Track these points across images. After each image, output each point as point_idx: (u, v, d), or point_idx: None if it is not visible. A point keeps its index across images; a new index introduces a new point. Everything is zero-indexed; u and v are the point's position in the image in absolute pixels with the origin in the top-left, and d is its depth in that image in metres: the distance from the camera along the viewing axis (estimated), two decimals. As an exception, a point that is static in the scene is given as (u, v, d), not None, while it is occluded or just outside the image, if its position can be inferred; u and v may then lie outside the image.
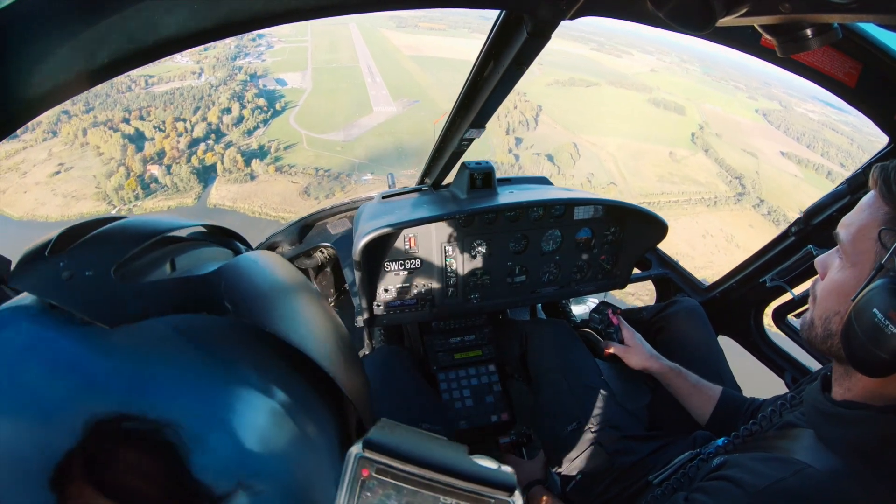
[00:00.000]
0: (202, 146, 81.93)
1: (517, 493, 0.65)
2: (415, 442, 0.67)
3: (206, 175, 75.40)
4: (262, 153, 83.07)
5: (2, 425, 0.57)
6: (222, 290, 0.71)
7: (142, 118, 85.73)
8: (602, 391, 2.20)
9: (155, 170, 73.43)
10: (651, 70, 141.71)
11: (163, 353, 0.68)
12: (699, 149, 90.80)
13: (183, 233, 0.83)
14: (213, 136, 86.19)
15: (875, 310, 1.00)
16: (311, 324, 0.79)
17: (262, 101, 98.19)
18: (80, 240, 0.71)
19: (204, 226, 0.89)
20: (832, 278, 1.22)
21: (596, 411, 2.11)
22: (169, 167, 74.33)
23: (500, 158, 79.70)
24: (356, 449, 0.64)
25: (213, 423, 0.65)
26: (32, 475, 0.56)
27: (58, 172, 70.00)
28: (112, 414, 0.60)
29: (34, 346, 0.62)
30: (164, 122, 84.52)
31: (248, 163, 78.73)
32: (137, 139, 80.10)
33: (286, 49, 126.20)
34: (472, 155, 2.64)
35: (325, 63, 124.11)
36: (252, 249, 0.95)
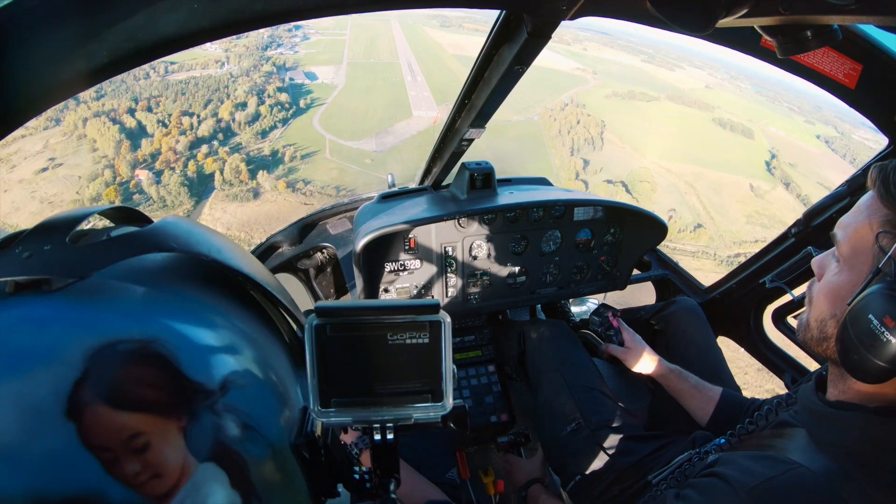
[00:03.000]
0: (204, 148, 72.00)
1: (443, 312, 0.84)
2: (354, 302, 0.84)
3: (200, 187, 65.70)
4: (273, 161, 72.34)
5: (10, 383, 0.63)
6: (165, 236, 0.82)
7: (149, 109, 77.13)
8: (601, 391, 2.21)
9: (143, 176, 64.68)
10: (706, 86, 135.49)
11: (133, 290, 0.78)
12: (778, 181, 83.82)
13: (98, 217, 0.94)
14: (220, 135, 76.02)
15: (871, 316, 0.99)
16: (237, 255, 0.94)
17: (283, 97, 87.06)
18: (22, 235, 0.78)
19: (109, 209, 0.98)
20: (828, 281, 1.20)
21: (595, 412, 2.11)
22: (160, 174, 65.57)
23: (567, 186, 65.61)
24: (311, 319, 0.80)
25: (190, 333, 0.76)
26: (49, 412, 0.62)
27: (45, 169, 64.41)
28: (105, 342, 0.68)
29: (13, 321, 0.68)
30: (169, 116, 75.73)
31: (253, 174, 68.11)
32: (138, 134, 72.05)
33: (322, 42, 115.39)
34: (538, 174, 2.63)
35: (363, 58, 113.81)
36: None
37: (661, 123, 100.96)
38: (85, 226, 0.85)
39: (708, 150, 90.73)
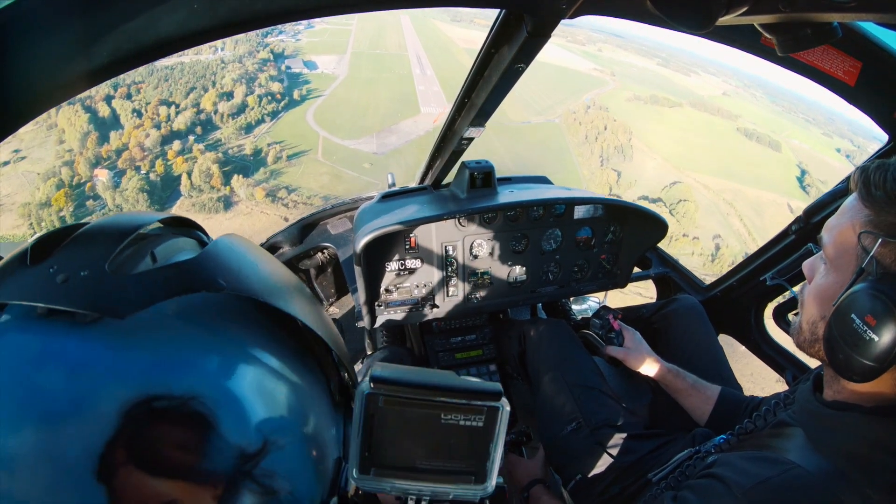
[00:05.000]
0: (177, 144, 62.96)
1: (504, 399, 0.78)
2: (411, 372, 0.77)
3: (164, 193, 57.39)
4: (254, 163, 62.87)
5: (37, 434, 0.59)
6: (214, 270, 0.75)
7: (128, 96, 68.34)
8: (601, 390, 2.20)
9: (103, 177, 56.63)
10: (723, 93, 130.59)
11: (174, 335, 0.72)
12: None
13: (145, 229, 0.86)
14: (198, 129, 66.36)
15: (853, 315, 1.00)
16: (294, 294, 0.87)
17: (276, 87, 77.55)
18: (60, 245, 0.71)
19: (163, 220, 0.93)
20: (817, 283, 1.22)
21: (595, 411, 2.11)
22: (121, 174, 57.41)
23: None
24: (364, 387, 0.74)
25: (233, 389, 0.71)
26: (79, 473, 0.59)
27: (7, 163, 57.90)
28: (140, 397, 0.64)
29: (45, 354, 0.65)
30: (147, 106, 66.76)
31: (227, 178, 58.69)
32: (110, 125, 63.60)
33: (327, 30, 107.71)
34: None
35: (368, 49, 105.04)
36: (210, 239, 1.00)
37: (689, 132, 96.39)
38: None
39: (740, 163, 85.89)
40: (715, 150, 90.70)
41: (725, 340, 2.87)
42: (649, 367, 2.24)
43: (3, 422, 0.60)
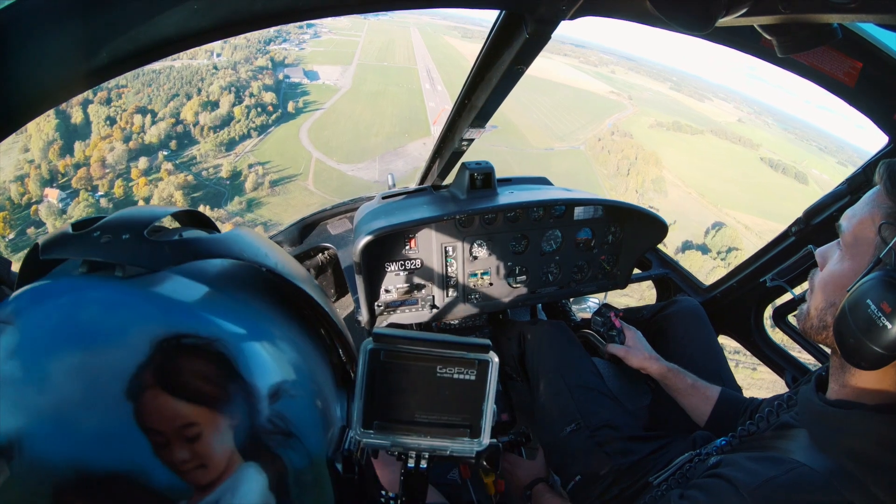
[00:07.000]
0: (143, 161, 56.43)
1: (492, 353, 0.88)
2: (410, 332, 0.87)
3: None
4: (229, 188, 55.78)
5: (81, 358, 0.68)
6: (234, 245, 0.88)
7: (108, 101, 61.89)
8: (601, 391, 2.20)
9: (52, 197, 51.63)
10: (738, 120, 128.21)
11: (202, 293, 0.83)
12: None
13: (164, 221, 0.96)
14: (173, 143, 58.37)
15: (869, 300, 1.00)
16: (304, 278, 0.98)
17: (269, 97, 69.21)
18: (97, 222, 0.82)
19: (177, 212, 1.04)
20: (830, 269, 1.22)
21: (594, 412, 2.10)
22: (74, 195, 51.37)
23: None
24: (367, 343, 0.84)
25: (250, 342, 0.81)
26: (111, 390, 0.68)
27: None
28: (171, 333, 0.74)
29: (92, 297, 0.75)
30: (122, 113, 60.18)
31: (193, 208, 45.42)
32: (81, 133, 58.16)
33: (334, 41, 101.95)
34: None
35: (375, 61, 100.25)
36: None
37: (716, 162, 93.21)
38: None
39: (772, 198, 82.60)
40: (746, 183, 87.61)
41: (725, 342, 2.88)
42: (650, 366, 2.24)
43: (50, 346, 0.68)
